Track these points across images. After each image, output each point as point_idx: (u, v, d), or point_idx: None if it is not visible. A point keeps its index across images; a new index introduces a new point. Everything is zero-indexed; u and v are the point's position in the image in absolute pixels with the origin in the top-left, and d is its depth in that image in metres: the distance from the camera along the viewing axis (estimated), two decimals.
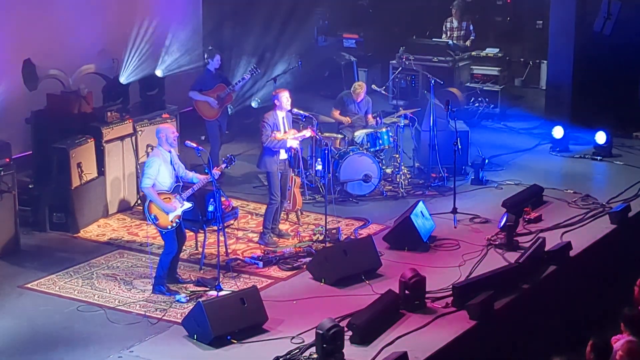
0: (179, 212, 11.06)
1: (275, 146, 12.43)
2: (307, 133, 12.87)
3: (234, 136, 16.42)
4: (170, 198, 11.03)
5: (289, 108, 12.65)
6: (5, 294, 11.22)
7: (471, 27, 18.93)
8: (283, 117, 12.56)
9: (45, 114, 13.58)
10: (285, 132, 12.54)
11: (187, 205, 11.14)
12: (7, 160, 12.20)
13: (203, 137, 15.12)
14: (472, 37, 18.91)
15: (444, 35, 18.92)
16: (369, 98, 14.94)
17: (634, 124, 17.07)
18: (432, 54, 18.27)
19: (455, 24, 18.90)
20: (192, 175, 11.30)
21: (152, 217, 11.00)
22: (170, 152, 11.11)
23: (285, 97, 12.48)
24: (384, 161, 14.56)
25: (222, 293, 10.89)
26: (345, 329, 9.87)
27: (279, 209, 12.78)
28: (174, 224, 11.04)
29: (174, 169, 11.12)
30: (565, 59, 17.07)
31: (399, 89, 18.24)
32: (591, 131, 16.06)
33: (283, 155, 12.59)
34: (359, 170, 14.12)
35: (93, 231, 13.04)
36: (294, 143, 12.63)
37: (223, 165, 11.58)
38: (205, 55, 15.00)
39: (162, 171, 11.00)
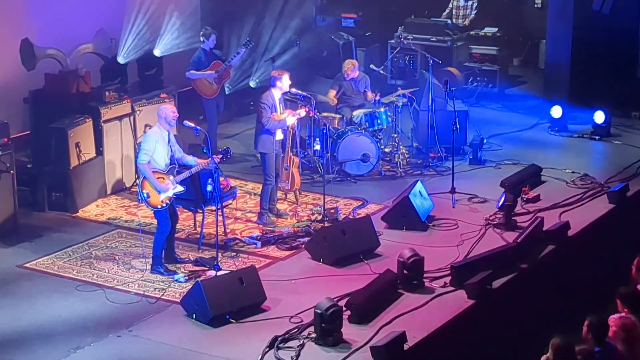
0: (170, 193, 11.02)
1: (276, 127, 12.43)
2: (302, 112, 12.86)
3: (232, 116, 16.40)
4: (164, 178, 11.00)
5: (288, 90, 12.64)
6: (4, 273, 11.23)
7: (475, 4, 18.80)
8: (279, 98, 12.56)
9: (44, 94, 13.54)
10: (281, 112, 12.54)
11: (180, 188, 11.09)
12: (6, 140, 12.18)
13: (201, 117, 15.10)
14: (472, 16, 18.81)
15: (446, 11, 18.76)
16: (366, 75, 14.92)
17: (632, 103, 17.04)
18: (431, 33, 18.22)
19: (462, 2, 18.79)
20: (190, 158, 11.26)
21: (145, 194, 10.98)
22: (168, 131, 11.10)
23: (286, 80, 12.46)
24: (382, 141, 14.54)
25: (220, 273, 10.91)
26: (344, 308, 9.90)
27: (275, 189, 12.80)
28: (164, 205, 11.01)
29: (171, 150, 11.11)
30: (564, 39, 17.01)
31: (398, 68, 18.20)
32: (590, 110, 16.04)
33: (279, 136, 12.60)
34: (357, 150, 14.11)
35: (91, 211, 13.04)
36: (292, 120, 12.65)
37: (219, 157, 11.50)
38: (202, 35, 14.91)
39: (158, 149, 10.97)
